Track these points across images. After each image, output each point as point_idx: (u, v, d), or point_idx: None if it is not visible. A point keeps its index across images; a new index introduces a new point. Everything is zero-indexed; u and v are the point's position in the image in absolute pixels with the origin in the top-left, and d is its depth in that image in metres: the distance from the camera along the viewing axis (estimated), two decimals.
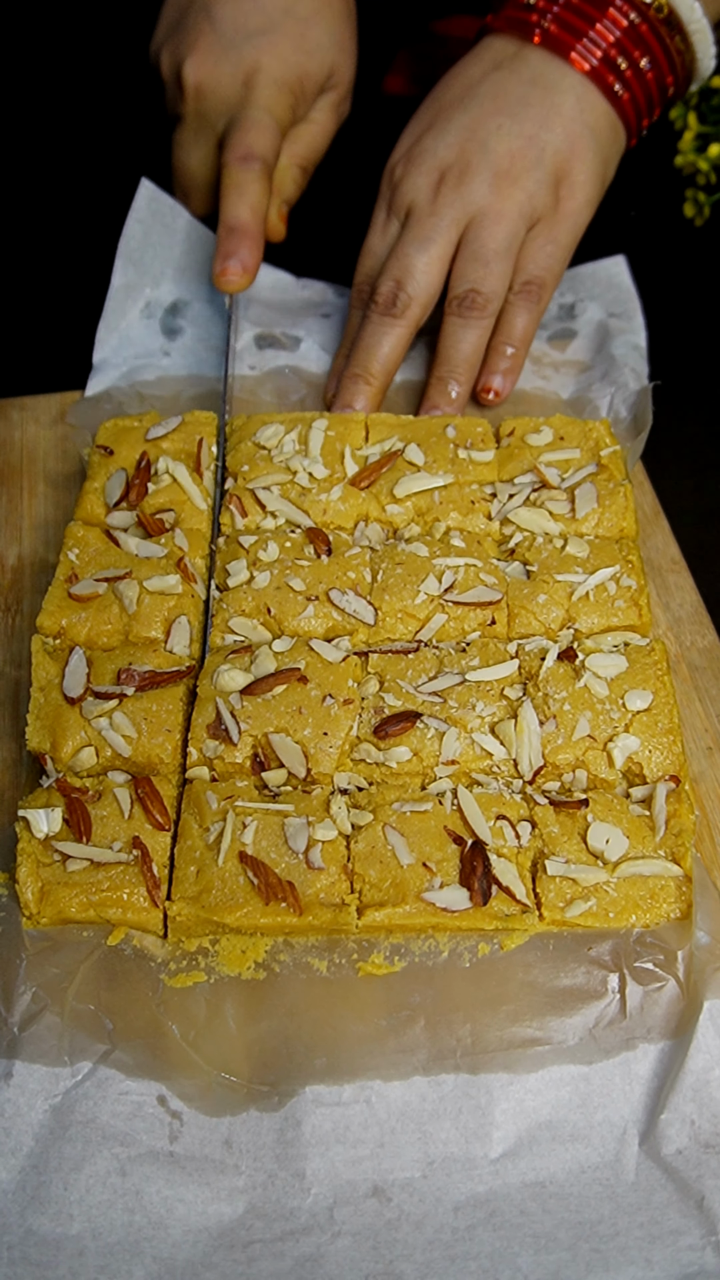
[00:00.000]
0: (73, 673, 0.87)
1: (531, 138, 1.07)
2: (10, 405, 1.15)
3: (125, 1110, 0.73)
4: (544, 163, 1.07)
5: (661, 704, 0.85)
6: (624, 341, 1.14)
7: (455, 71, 1.13)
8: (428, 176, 1.08)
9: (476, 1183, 0.71)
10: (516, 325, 1.10)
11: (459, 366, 1.09)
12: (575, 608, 0.91)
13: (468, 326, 1.08)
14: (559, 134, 1.07)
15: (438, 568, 0.92)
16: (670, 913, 0.77)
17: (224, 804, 0.80)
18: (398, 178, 1.11)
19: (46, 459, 1.11)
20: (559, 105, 1.07)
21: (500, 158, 1.07)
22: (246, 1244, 0.70)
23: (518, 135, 1.07)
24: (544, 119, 1.07)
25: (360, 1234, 0.70)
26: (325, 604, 0.91)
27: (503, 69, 1.09)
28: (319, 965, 0.77)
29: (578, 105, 1.08)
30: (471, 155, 1.07)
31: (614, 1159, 0.72)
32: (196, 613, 0.92)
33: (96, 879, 0.78)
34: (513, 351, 1.10)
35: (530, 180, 1.07)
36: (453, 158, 1.08)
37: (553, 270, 1.10)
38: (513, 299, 1.10)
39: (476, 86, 1.10)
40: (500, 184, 1.06)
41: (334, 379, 1.13)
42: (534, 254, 1.09)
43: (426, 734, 0.83)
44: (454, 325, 1.08)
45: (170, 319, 1.20)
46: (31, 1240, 0.69)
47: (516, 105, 1.08)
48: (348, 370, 1.09)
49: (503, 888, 0.77)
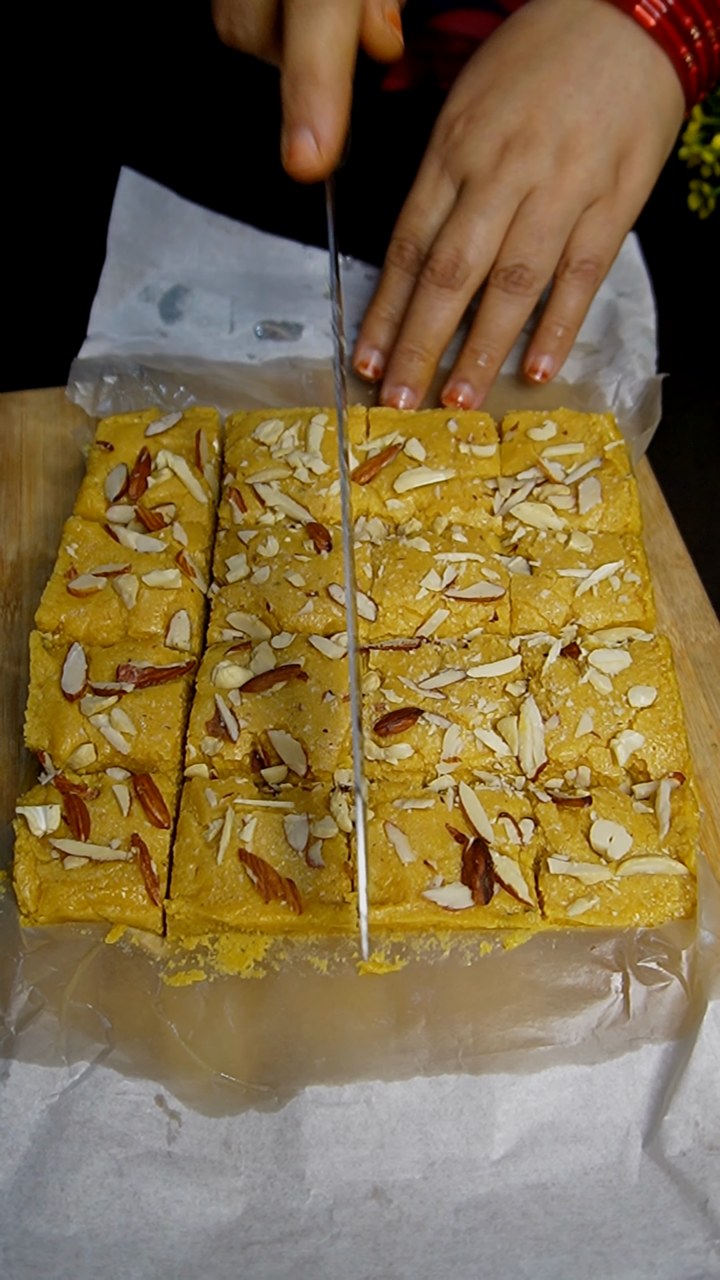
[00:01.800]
0: (71, 669, 0.86)
1: (599, 112, 1.04)
2: (9, 400, 1.14)
3: (123, 1110, 0.73)
4: (609, 140, 1.04)
5: (666, 700, 0.84)
6: (633, 325, 1.13)
7: (519, 22, 1.08)
8: (491, 141, 1.05)
9: (478, 1184, 0.71)
10: (569, 305, 1.07)
11: (496, 341, 1.06)
12: (579, 603, 0.90)
13: (511, 301, 1.05)
14: (625, 110, 1.04)
15: (439, 563, 0.91)
16: (674, 911, 0.76)
17: (223, 801, 0.80)
18: (457, 136, 1.07)
19: (46, 454, 1.10)
20: (628, 79, 1.04)
21: (567, 131, 1.03)
22: (245, 1245, 0.69)
23: (586, 108, 1.04)
24: (611, 93, 1.04)
25: (360, 1235, 0.69)
26: (325, 600, 0.90)
27: (573, 30, 1.05)
28: (319, 964, 0.76)
29: (646, 80, 1.05)
30: (539, 124, 1.03)
31: (617, 1160, 0.71)
32: (196, 607, 0.92)
33: (95, 877, 0.77)
34: (563, 332, 1.08)
35: (593, 158, 1.04)
36: (518, 124, 1.04)
37: (610, 250, 1.08)
38: (568, 277, 1.07)
39: (544, 46, 1.05)
40: (564, 158, 1.04)
41: (365, 344, 1.09)
42: (592, 233, 1.07)
43: (428, 731, 0.83)
44: (497, 298, 1.05)
45: (170, 304, 1.19)
46: (28, 1241, 0.69)
47: (586, 74, 1.04)
48: (401, 345, 1.06)
49: (505, 886, 0.76)
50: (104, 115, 1.46)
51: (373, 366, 1.10)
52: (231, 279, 1.23)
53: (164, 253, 1.22)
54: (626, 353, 1.11)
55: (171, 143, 1.40)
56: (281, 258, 1.24)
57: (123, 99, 1.47)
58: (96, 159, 1.34)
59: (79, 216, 1.32)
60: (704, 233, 1.31)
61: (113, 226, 1.20)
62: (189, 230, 1.24)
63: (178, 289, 1.20)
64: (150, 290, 1.20)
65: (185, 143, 1.42)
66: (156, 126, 1.40)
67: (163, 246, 1.22)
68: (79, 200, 1.36)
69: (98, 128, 1.44)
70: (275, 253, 1.24)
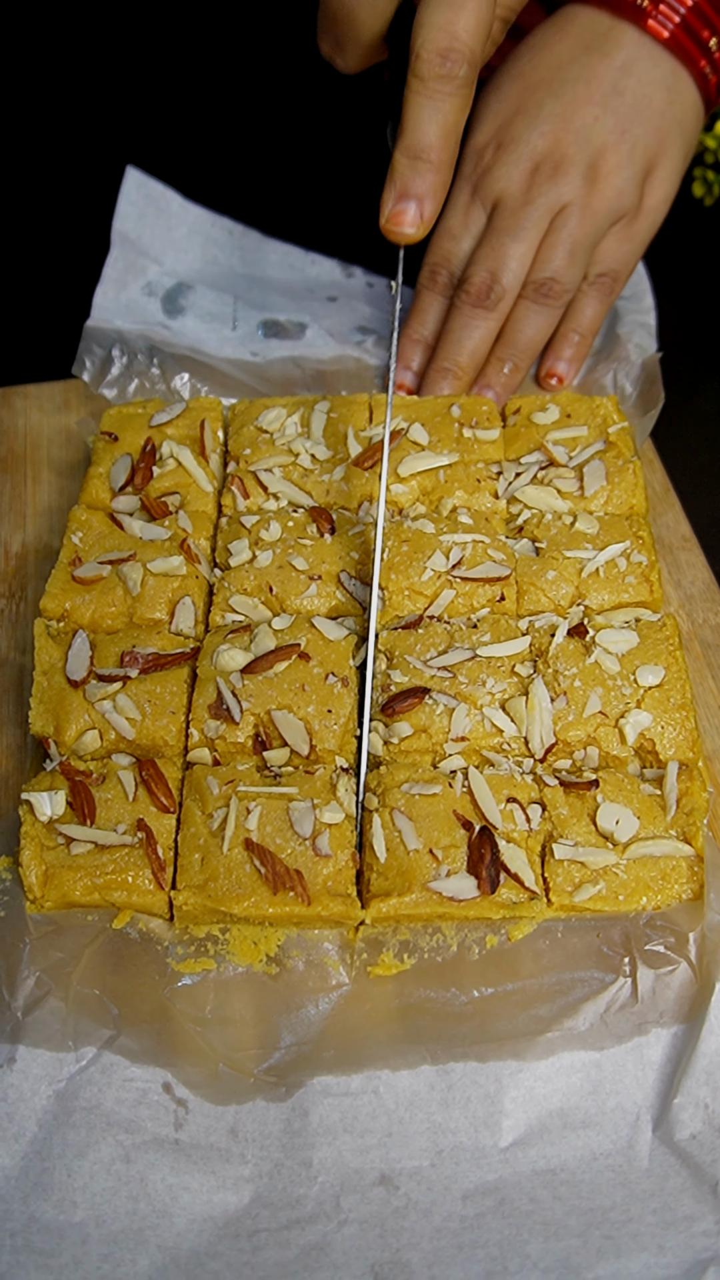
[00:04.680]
0: (76, 656, 0.86)
1: (624, 131, 1.05)
2: (13, 393, 1.14)
3: (130, 1097, 0.72)
4: (635, 158, 1.06)
5: (674, 679, 0.83)
6: (631, 320, 1.13)
7: (538, 45, 1.10)
8: (520, 166, 1.07)
9: (486, 1171, 0.70)
10: (586, 314, 1.09)
11: (523, 350, 1.08)
12: (585, 584, 0.90)
13: (540, 312, 1.07)
14: (649, 128, 1.06)
15: (445, 544, 0.91)
16: (682, 894, 0.76)
17: (225, 789, 0.79)
18: (487, 163, 1.09)
19: (50, 447, 1.10)
20: (650, 97, 1.06)
21: (594, 151, 1.05)
22: (252, 1233, 0.69)
23: (612, 129, 1.05)
24: (635, 111, 1.06)
25: (367, 1222, 0.69)
26: (328, 583, 0.90)
27: (593, 51, 1.06)
28: (332, 965, 0.76)
29: (668, 96, 1.06)
30: (567, 147, 1.05)
31: (626, 1145, 0.71)
32: (201, 594, 0.91)
33: (101, 862, 0.77)
34: (579, 340, 1.10)
35: (620, 177, 1.06)
36: (546, 148, 1.06)
37: (629, 265, 1.10)
38: (586, 289, 1.09)
39: (566, 69, 1.07)
40: (593, 178, 1.06)
41: (399, 366, 1.10)
42: (612, 248, 1.09)
43: (436, 710, 0.82)
44: (526, 309, 1.07)
45: (172, 299, 1.19)
46: (35, 1227, 0.69)
47: (610, 94, 1.06)
48: (436, 363, 1.08)
49: (511, 875, 0.75)
50: (109, 116, 1.46)
51: (407, 387, 1.11)
52: (234, 279, 1.23)
53: (167, 251, 1.22)
54: (623, 344, 1.11)
55: (177, 145, 1.40)
56: (284, 262, 1.24)
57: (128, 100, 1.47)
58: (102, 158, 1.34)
59: (83, 213, 1.32)
60: (708, 219, 1.31)
61: (116, 222, 1.21)
62: (193, 230, 1.24)
63: (180, 285, 1.20)
64: (153, 285, 1.20)
65: (190, 145, 1.42)
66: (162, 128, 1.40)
67: (165, 245, 1.22)
68: (83, 198, 1.36)
69: (103, 128, 1.44)
70: (278, 256, 1.24)
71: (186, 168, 1.31)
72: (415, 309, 1.12)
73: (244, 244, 1.25)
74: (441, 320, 1.10)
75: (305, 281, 1.23)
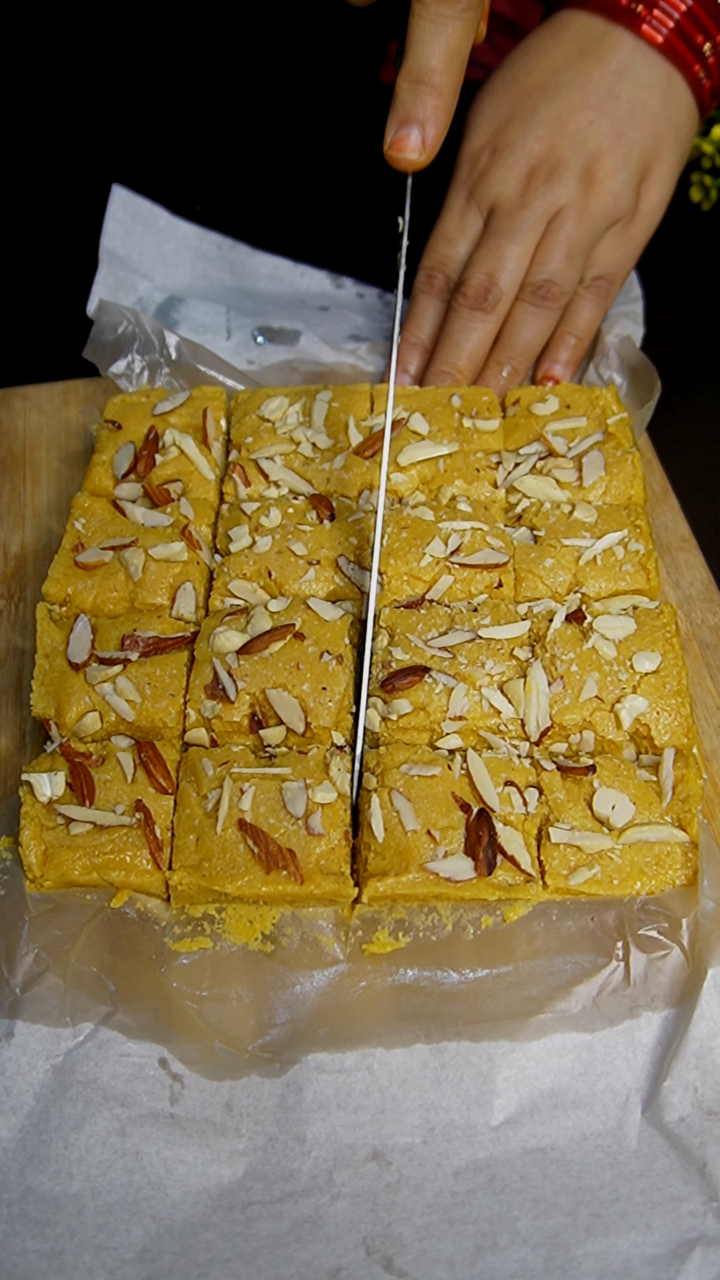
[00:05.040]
0: (77, 639, 0.87)
1: (620, 135, 1.06)
2: (13, 394, 1.15)
3: (126, 1071, 0.73)
4: (630, 162, 1.07)
5: (670, 666, 0.84)
6: (616, 313, 1.13)
7: (533, 50, 1.10)
8: (516, 170, 1.07)
9: (477, 1149, 0.71)
10: (583, 317, 1.10)
11: (521, 353, 1.08)
12: (583, 572, 0.90)
13: (538, 315, 1.08)
14: (645, 132, 1.07)
15: (444, 531, 0.92)
16: (676, 879, 0.76)
17: (220, 770, 0.80)
18: (483, 168, 1.09)
19: (49, 448, 1.11)
20: (646, 101, 1.07)
21: (590, 155, 1.06)
22: (245, 1205, 0.70)
23: (607, 133, 1.06)
24: (631, 115, 1.06)
25: (359, 1196, 0.70)
26: (327, 568, 0.91)
27: (588, 56, 1.07)
28: (327, 943, 0.77)
29: (663, 101, 1.07)
30: (563, 151, 1.06)
31: (616, 1126, 0.71)
32: (202, 579, 0.92)
33: (99, 842, 0.78)
34: (575, 342, 1.10)
35: (616, 180, 1.06)
36: (542, 152, 1.07)
37: (625, 268, 1.11)
38: (582, 292, 1.09)
39: (561, 73, 1.08)
40: (589, 182, 1.06)
41: (397, 370, 1.10)
42: (609, 251, 1.09)
43: (435, 689, 0.83)
44: (525, 312, 1.08)
45: (165, 314, 1.19)
46: (31, 1198, 0.69)
47: (605, 99, 1.06)
48: (435, 366, 1.08)
49: (508, 857, 0.76)
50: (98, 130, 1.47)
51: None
52: (225, 291, 1.23)
53: (156, 267, 1.22)
54: (612, 338, 1.11)
55: (163, 161, 1.40)
56: (274, 275, 1.24)
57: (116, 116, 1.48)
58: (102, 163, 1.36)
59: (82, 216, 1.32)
60: (706, 223, 1.32)
61: (104, 240, 1.21)
62: (181, 246, 1.24)
63: (172, 299, 1.21)
64: (144, 301, 1.20)
65: (176, 161, 1.42)
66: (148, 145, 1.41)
67: (155, 261, 1.23)
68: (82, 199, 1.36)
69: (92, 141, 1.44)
70: (268, 269, 1.24)
71: (173, 182, 1.32)
72: (412, 313, 1.12)
73: (233, 257, 1.26)
74: (438, 324, 1.11)
75: (296, 293, 1.23)
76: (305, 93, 1.46)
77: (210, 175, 1.41)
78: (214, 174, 1.41)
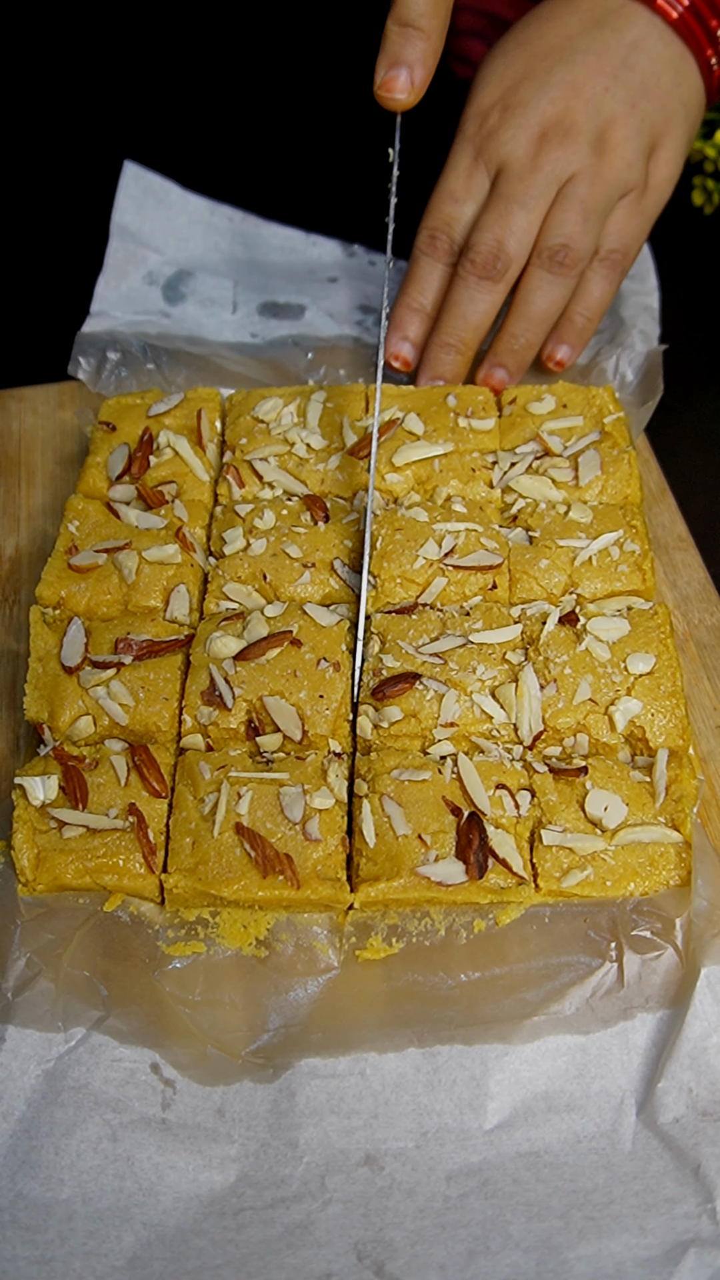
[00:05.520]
0: (71, 642, 0.87)
1: (634, 105, 1.04)
2: (8, 396, 1.15)
3: (118, 1077, 0.73)
4: (642, 133, 1.05)
5: (664, 667, 0.83)
6: (634, 303, 1.12)
7: (547, 15, 1.08)
8: (528, 131, 1.04)
9: (470, 1153, 0.70)
10: (594, 294, 1.07)
11: (535, 323, 1.06)
12: (578, 573, 0.90)
13: (554, 282, 1.05)
14: (657, 105, 1.05)
15: (438, 532, 0.91)
16: (669, 880, 0.76)
17: (217, 774, 0.80)
18: (492, 125, 1.06)
19: (45, 450, 1.11)
20: (659, 75, 1.05)
21: (604, 121, 1.04)
22: (237, 1211, 0.69)
23: (621, 101, 1.04)
24: (644, 87, 1.05)
25: (351, 1202, 0.69)
26: (322, 571, 0.91)
27: (604, 26, 1.05)
28: (321, 949, 0.76)
29: (675, 78, 1.06)
30: (576, 114, 1.03)
31: (610, 1129, 0.71)
32: (196, 582, 0.92)
33: (92, 845, 0.78)
34: (584, 323, 1.07)
35: (629, 149, 1.04)
36: (556, 113, 1.04)
37: (638, 241, 1.08)
38: (595, 265, 1.07)
39: (576, 40, 1.05)
40: (601, 148, 1.04)
41: (396, 336, 1.08)
42: (621, 224, 1.07)
43: (426, 695, 0.83)
44: (540, 279, 1.04)
45: (173, 287, 1.20)
46: (21, 1204, 0.69)
47: (620, 68, 1.04)
48: (438, 337, 1.05)
49: (499, 860, 0.76)
50: (105, 112, 1.47)
51: (404, 359, 1.09)
52: (235, 264, 1.23)
53: (168, 241, 1.23)
54: (628, 329, 1.10)
55: (174, 135, 1.40)
56: (285, 245, 1.24)
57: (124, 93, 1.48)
58: (97, 155, 1.35)
59: (79, 215, 1.33)
60: (708, 228, 1.31)
61: (116, 215, 1.21)
62: (192, 220, 1.25)
63: (181, 273, 1.21)
64: (154, 274, 1.21)
65: (188, 135, 1.42)
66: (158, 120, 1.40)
67: (166, 235, 1.23)
68: (79, 199, 1.36)
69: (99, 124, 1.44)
70: (278, 241, 1.24)
71: (184, 155, 1.32)
72: (412, 275, 1.08)
73: (244, 229, 1.26)
74: (441, 289, 1.07)
75: (306, 264, 1.23)
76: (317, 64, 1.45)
77: (221, 148, 1.40)
78: (225, 147, 1.41)
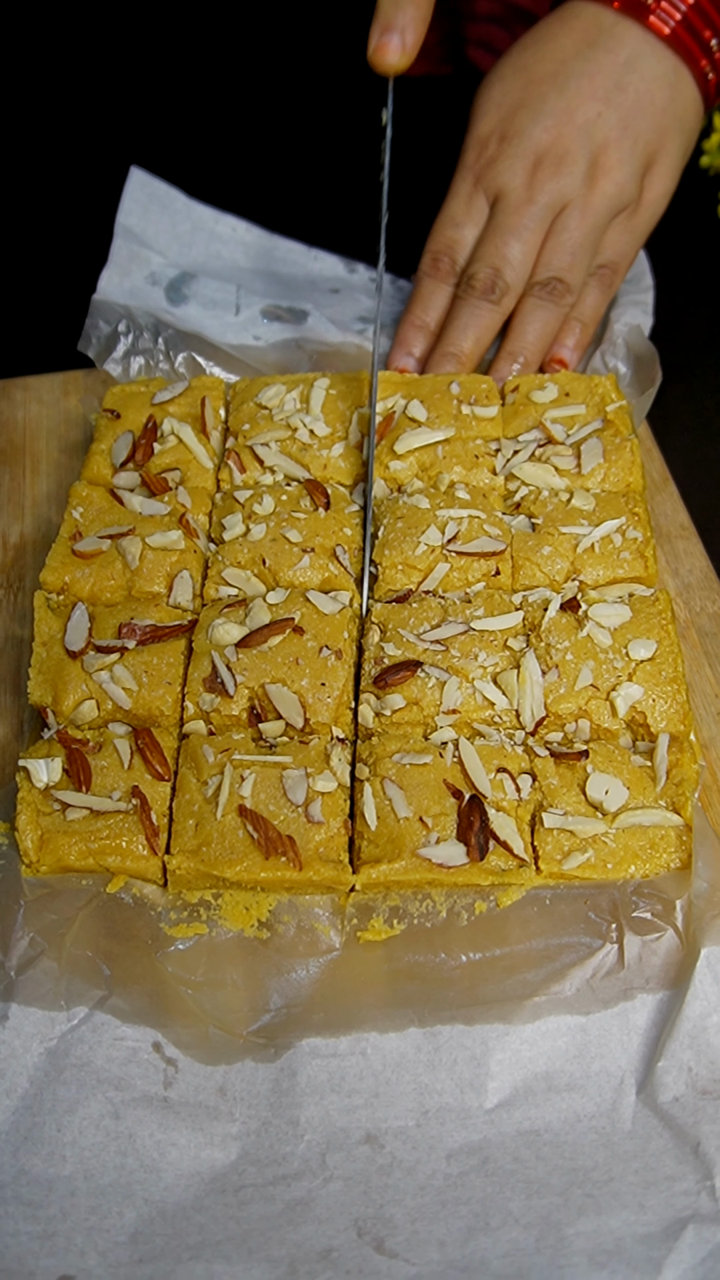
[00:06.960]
0: (75, 627, 0.87)
1: (626, 127, 1.07)
2: (13, 385, 1.15)
3: (120, 1055, 0.73)
4: (636, 154, 1.08)
5: (665, 653, 0.84)
6: (627, 301, 1.13)
7: (542, 38, 1.11)
8: (523, 160, 1.08)
9: (470, 1131, 0.71)
10: (588, 303, 1.11)
11: (531, 346, 1.09)
12: (580, 560, 0.90)
13: (547, 309, 1.09)
14: (651, 124, 1.08)
15: (440, 518, 0.92)
16: (670, 862, 0.76)
17: (221, 757, 0.80)
18: (490, 154, 1.10)
19: (49, 438, 1.11)
20: (653, 94, 1.08)
21: (596, 147, 1.07)
22: (238, 1188, 0.70)
23: (614, 124, 1.07)
24: (638, 108, 1.07)
25: (352, 1179, 0.70)
26: (321, 556, 0.91)
27: (597, 47, 1.08)
28: (323, 930, 0.77)
29: (669, 94, 1.08)
30: (569, 142, 1.07)
31: (610, 1108, 0.71)
32: (198, 568, 0.92)
33: (96, 827, 0.78)
34: (581, 328, 1.10)
35: (621, 172, 1.07)
36: (549, 142, 1.08)
37: (629, 256, 1.12)
38: (588, 279, 1.10)
39: (570, 63, 1.09)
40: (594, 174, 1.07)
41: (400, 351, 1.11)
42: (613, 240, 1.10)
43: (428, 683, 0.83)
44: (534, 306, 1.09)
45: (176, 289, 1.20)
46: (24, 1180, 0.70)
47: (613, 90, 1.07)
48: (441, 348, 1.09)
49: (500, 842, 0.76)
50: (112, 115, 1.47)
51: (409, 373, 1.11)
52: (237, 271, 1.24)
53: (171, 245, 1.23)
54: (621, 326, 1.11)
55: (180, 144, 1.41)
56: (287, 258, 1.25)
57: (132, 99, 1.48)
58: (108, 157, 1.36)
59: (85, 208, 1.33)
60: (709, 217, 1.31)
61: (120, 216, 1.22)
62: (197, 227, 1.25)
63: (184, 275, 1.21)
64: (156, 275, 1.21)
65: (194, 144, 1.43)
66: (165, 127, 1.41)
67: (170, 240, 1.23)
68: (86, 193, 1.37)
69: (106, 128, 1.45)
70: (281, 252, 1.25)
71: (190, 166, 1.32)
72: (417, 295, 1.12)
73: (247, 240, 1.27)
74: (444, 309, 1.11)
75: (308, 276, 1.24)
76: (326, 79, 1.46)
77: (227, 164, 1.41)
78: (231, 163, 1.41)
